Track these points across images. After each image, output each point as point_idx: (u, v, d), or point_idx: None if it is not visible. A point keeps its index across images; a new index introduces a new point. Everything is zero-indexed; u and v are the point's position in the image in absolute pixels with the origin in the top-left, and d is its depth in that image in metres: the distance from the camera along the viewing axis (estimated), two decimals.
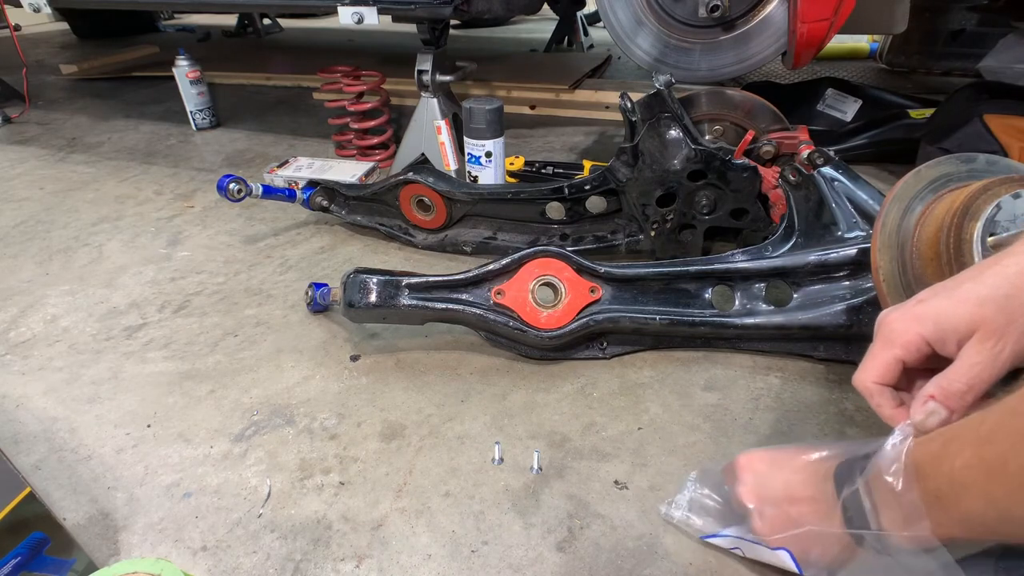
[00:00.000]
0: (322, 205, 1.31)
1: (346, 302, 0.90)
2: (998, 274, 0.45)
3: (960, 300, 0.46)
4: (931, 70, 2.21)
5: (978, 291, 0.45)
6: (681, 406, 0.84)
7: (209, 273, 1.20)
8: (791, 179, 0.91)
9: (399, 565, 0.65)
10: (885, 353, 0.49)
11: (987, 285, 0.45)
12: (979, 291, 0.45)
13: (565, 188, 1.11)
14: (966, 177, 0.70)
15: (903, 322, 0.48)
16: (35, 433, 0.83)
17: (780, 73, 2.25)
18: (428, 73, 1.48)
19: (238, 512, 0.71)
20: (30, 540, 0.59)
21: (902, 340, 0.48)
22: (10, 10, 2.07)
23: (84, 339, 1.02)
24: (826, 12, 1.07)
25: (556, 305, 0.88)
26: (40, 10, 1.78)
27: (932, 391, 0.46)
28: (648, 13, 1.24)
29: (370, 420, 0.83)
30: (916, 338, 0.47)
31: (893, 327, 0.49)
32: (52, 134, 2.01)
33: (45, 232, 1.37)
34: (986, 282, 0.45)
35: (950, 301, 0.46)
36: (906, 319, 0.48)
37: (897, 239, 0.69)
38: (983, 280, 0.46)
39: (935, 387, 0.46)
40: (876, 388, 0.50)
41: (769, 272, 0.88)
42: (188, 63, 1.90)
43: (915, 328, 0.47)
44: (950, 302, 0.46)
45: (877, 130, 1.50)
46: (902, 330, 0.48)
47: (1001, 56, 1.48)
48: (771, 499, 0.56)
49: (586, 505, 0.70)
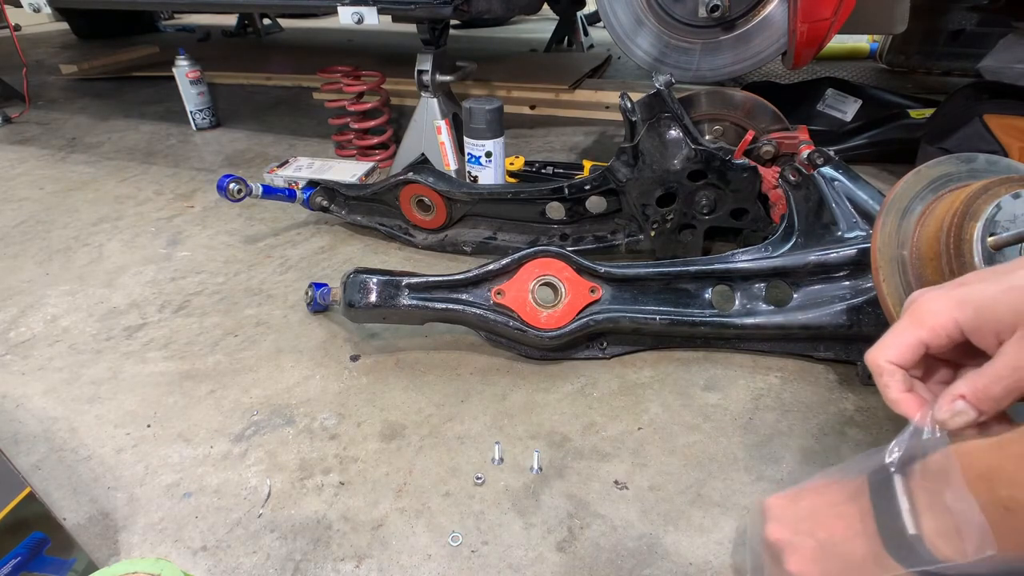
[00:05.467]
0: (322, 205, 1.31)
1: (346, 302, 0.90)
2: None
3: (1010, 288, 0.40)
4: (931, 70, 2.21)
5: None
6: (681, 406, 0.84)
7: (209, 273, 1.20)
8: (791, 179, 0.91)
9: (399, 565, 0.65)
10: (910, 333, 0.44)
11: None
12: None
13: (565, 188, 1.11)
14: (966, 177, 0.70)
15: (939, 302, 0.43)
16: (35, 433, 0.83)
17: (780, 73, 2.25)
18: (428, 73, 1.48)
19: (238, 512, 0.71)
20: (30, 540, 0.59)
21: (933, 322, 0.43)
22: (10, 10, 2.07)
23: (84, 339, 1.02)
24: (826, 12, 1.07)
25: (556, 305, 0.88)
26: (40, 10, 1.78)
27: (964, 390, 0.41)
28: (648, 13, 1.24)
29: (370, 420, 0.83)
30: (950, 322, 0.42)
31: (928, 307, 0.44)
32: (52, 134, 2.01)
33: (45, 232, 1.37)
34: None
35: (999, 287, 0.41)
36: (943, 300, 0.43)
37: (897, 239, 0.69)
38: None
39: (968, 386, 0.41)
40: (889, 367, 0.45)
41: (769, 272, 0.88)
42: (188, 63, 1.90)
43: (952, 311, 0.42)
44: (998, 288, 0.41)
45: (877, 130, 1.50)
46: (936, 311, 0.43)
47: (1001, 56, 1.48)
48: (799, 529, 0.50)
49: (586, 505, 0.70)
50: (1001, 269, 0.43)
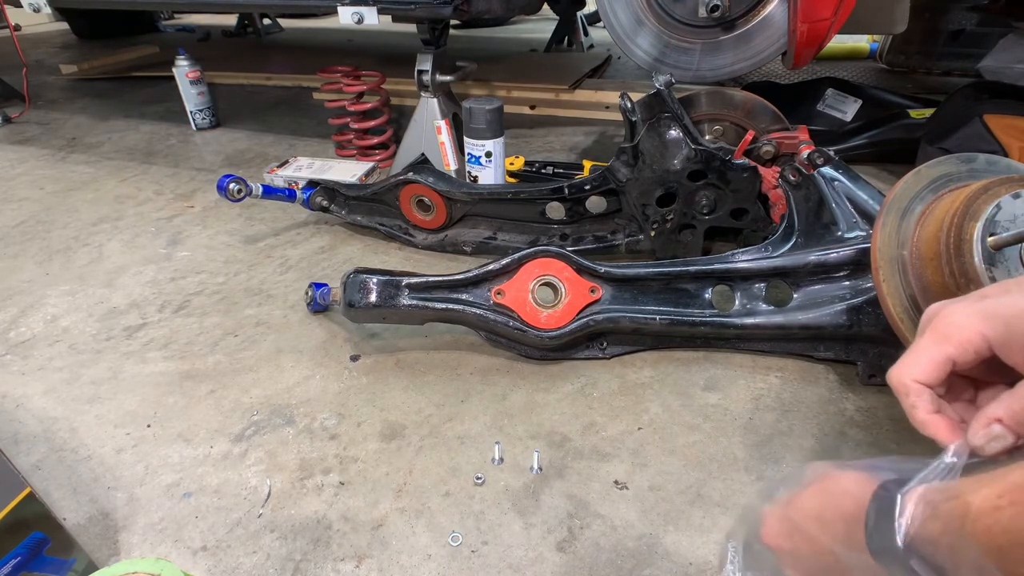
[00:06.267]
0: (322, 205, 1.31)
1: (346, 302, 0.90)
2: None
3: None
4: (931, 70, 2.21)
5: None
6: (681, 406, 0.84)
7: (209, 273, 1.20)
8: (791, 179, 0.91)
9: (399, 565, 0.65)
10: (937, 349, 0.41)
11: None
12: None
13: (565, 188, 1.11)
14: (966, 177, 0.70)
15: (965, 316, 0.41)
16: (35, 433, 0.83)
17: (780, 73, 2.25)
18: (428, 73, 1.48)
19: (238, 512, 0.71)
20: (30, 540, 0.59)
21: (960, 337, 0.40)
22: (10, 10, 2.07)
23: (84, 339, 1.02)
24: (826, 12, 1.07)
25: (556, 305, 0.88)
26: (40, 10, 1.78)
27: (1000, 413, 0.38)
28: (648, 13, 1.24)
29: (370, 420, 0.83)
30: (977, 337, 0.40)
31: (952, 320, 0.41)
32: (52, 134, 2.01)
33: (45, 232, 1.37)
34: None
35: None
36: (969, 313, 0.41)
37: (897, 239, 0.69)
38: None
39: (1005, 409, 0.38)
40: (916, 387, 0.42)
41: (769, 272, 0.88)
42: (188, 63, 1.90)
43: (978, 326, 0.40)
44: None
45: (877, 130, 1.50)
46: (962, 325, 0.40)
47: (1001, 56, 1.48)
48: (794, 534, 0.47)
49: (586, 505, 0.70)
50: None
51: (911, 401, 0.42)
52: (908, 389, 0.42)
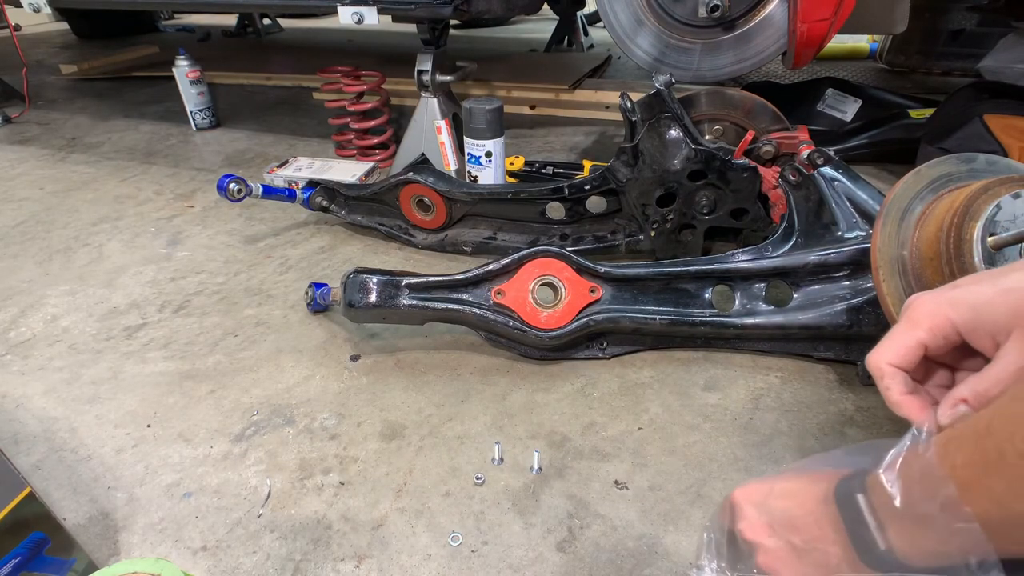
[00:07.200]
0: (322, 205, 1.31)
1: (346, 302, 0.90)
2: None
3: (1005, 289, 0.40)
4: (931, 70, 2.21)
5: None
6: (681, 406, 0.84)
7: (209, 273, 1.20)
8: (791, 179, 0.91)
9: (399, 565, 0.65)
10: (908, 334, 0.45)
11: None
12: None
13: (565, 188, 1.11)
14: (966, 177, 0.70)
15: (935, 304, 0.44)
16: (35, 433, 0.83)
17: (780, 73, 2.25)
18: (428, 73, 1.48)
19: (238, 512, 0.71)
20: (30, 540, 0.59)
21: (929, 323, 0.43)
22: (10, 10, 2.07)
23: (84, 339, 1.02)
24: (826, 12, 1.07)
25: (556, 305, 0.88)
26: (40, 10, 1.78)
27: (966, 394, 0.41)
28: (648, 13, 1.24)
29: (370, 420, 0.83)
30: (945, 323, 0.43)
31: (923, 308, 0.44)
32: (52, 134, 2.01)
33: (45, 232, 1.37)
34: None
35: (994, 289, 0.41)
36: (940, 302, 0.44)
37: (897, 239, 0.69)
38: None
39: (969, 390, 0.41)
40: (890, 370, 0.45)
41: (769, 272, 0.88)
42: (188, 63, 1.90)
43: (946, 311, 0.43)
44: (994, 290, 0.41)
45: (877, 130, 1.50)
46: (932, 313, 0.44)
47: (1001, 56, 1.48)
48: (773, 530, 0.50)
49: (586, 505, 0.70)
50: (996, 272, 0.43)
51: (886, 383, 0.46)
52: (883, 372, 0.46)
